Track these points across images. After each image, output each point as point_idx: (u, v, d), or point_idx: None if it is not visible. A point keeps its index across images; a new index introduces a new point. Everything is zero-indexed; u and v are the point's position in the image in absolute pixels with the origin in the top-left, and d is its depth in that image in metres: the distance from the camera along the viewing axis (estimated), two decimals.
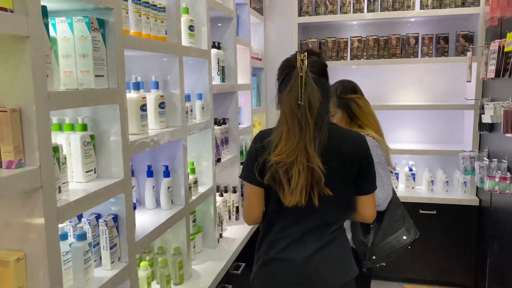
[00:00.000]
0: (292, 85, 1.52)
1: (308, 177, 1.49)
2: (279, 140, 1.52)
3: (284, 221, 1.61)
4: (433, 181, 3.53)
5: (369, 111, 2.17)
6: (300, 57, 1.54)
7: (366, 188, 1.67)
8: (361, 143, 1.62)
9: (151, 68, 1.94)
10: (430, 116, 3.74)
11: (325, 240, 1.60)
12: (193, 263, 2.24)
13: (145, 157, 2.01)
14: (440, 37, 3.42)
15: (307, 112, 1.50)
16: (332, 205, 1.58)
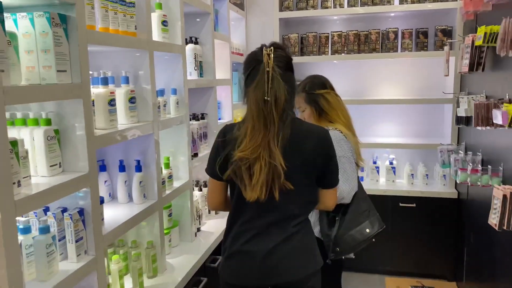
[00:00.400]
0: (258, 80, 1.54)
1: (270, 173, 1.52)
2: (244, 136, 1.54)
3: (248, 214, 1.63)
4: (413, 174, 3.57)
5: (338, 106, 2.18)
6: (267, 52, 1.55)
7: (329, 182, 1.71)
8: (323, 138, 1.64)
9: (123, 63, 1.95)
10: (411, 110, 3.77)
11: (288, 233, 1.62)
12: (169, 256, 2.27)
13: (118, 151, 2.02)
14: (420, 32, 3.45)
15: (273, 108, 1.52)
16: (294, 199, 1.61)
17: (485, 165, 2.55)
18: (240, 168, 1.53)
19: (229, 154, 1.58)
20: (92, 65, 1.96)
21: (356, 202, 2.04)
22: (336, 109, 2.17)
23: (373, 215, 2.05)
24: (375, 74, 3.80)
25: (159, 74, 2.30)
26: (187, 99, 2.36)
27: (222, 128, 1.68)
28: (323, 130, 1.68)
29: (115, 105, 1.75)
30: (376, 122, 3.87)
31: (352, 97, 3.78)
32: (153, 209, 1.99)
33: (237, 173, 1.55)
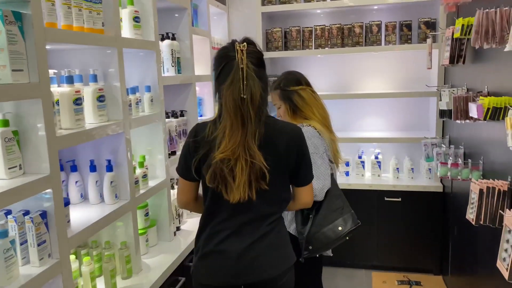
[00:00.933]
0: (233, 77, 1.50)
1: (251, 172, 1.50)
2: (222, 136, 1.50)
3: (222, 214, 1.61)
4: (398, 168, 3.55)
5: (313, 103, 2.16)
6: (240, 48, 1.51)
7: (303, 179, 1.69)
8: (295, 135, 1.62)
9: (91, 61, 1.90)
10: (396, 103, 3.74)
11: (262, 232, 1.61)
12: (146, 256, 2.24)
13: (89, 151, 1.98)
14: (403, 25, 3.42)
15: (249, 106, 1.49)
16: (268, 198, 1.60)
17: (468, 159, 2.53)
18: (222, 170, 1.49)
19: (205, 155, 1.54)
20: (60, 63, 1.93)
21: (329, 199, 2.02)
22: (311, 106, 2.14)
23: (347, 213, 2.03)
24: (359, 68, 3.77)
25: (133, 71, 2.27)
26: (162, 96, 2.32)
27: (193, 127, 1.65)
28: (296, 127, 1.66)
29: (81, 104, 1.71)
30: (361, 117, 3.84)
31: (336, 92, 3.76)
32: (126, 209, 1.95)
33: (218, 174, 1.51)
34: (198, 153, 1.57)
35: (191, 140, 1.60)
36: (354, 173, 3.66)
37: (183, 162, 1.64)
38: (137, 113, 2.13)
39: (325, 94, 3.66)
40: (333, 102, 3.83)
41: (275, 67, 3.90)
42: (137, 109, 2.13)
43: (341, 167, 3.64)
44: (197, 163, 1.58)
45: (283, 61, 3.89)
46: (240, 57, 1.50)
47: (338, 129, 3.90)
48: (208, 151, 1.54)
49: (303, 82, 2.20)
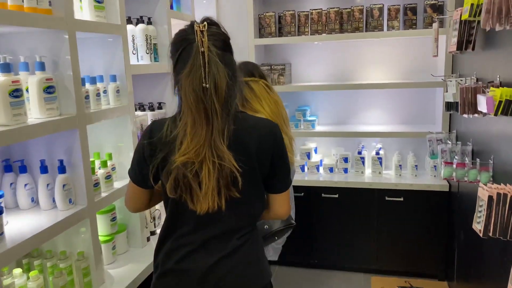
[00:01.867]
0: (192, 63, 1.24)
1: (219, 177, 1.25)
2: (183, 135, 1.25)
3: (184, 227, 1.37)
4: (401, 165, 3.27)
5: (264, 96, 2.01)
6: (199, 28, 1.26)
7: (279, 185, 1.45)
8: (269, 133, 1.37)
9: (40, 47, 1.66)
10: (400, 95, 3.45)
11: (233, 246, 1.37)
12: (113, 266, 2.02)
13: (41, 150, 1.75)
14: (408, 8, 3.11)
15: (213, 97, 1.24)
16: (239, 208, 1.35)
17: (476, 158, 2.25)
18: (185, 176, 1.25)
19: (164, 160, 1.29)
20: (5, 49, 1.69)
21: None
22: (261, 99, 2.00)
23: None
24: (359, 56, 3.48)
25: (97, 58, 2.03)
26: (130, 87, 2.07)
27: (148, 126, 1.39)
28: (271, 124, 1.41)
29: (20, 97, 1.47)
30: (361, 109, 3.56)
31: (334, 82, 3.48)
32: (82, 216, 1.72)
33: (182, 182, 1.26)
34: (155, 158, 1.31)
35: (145, 142, 1.35)
36: (353, 170, 3.39)
37: (136, 168, 1.40)
38: (98, 106, 1.88)
39: (322, 84, 3.39)
40: (331, 93, 3.58)
41: (269, 55, 3.63)
42: (98, 102, 1.88)
43: (340, 163, 3.38)
44: (155, 170, 1.33)
45: (277, 48, 3.62)
46: (200, 39, 1.25)
47: (337, 122, 3.66)
48: (167, 154, 1.29)
49: (256, 74, 2.06)
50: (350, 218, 3.27)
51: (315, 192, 3.30)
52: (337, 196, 3.27)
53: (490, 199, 1.60)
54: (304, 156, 3.46)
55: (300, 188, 3.32)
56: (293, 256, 3.44)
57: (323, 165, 3.45)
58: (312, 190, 3.31)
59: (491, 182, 2.00)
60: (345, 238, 3.31)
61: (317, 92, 3.61)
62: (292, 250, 3.42)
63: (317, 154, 3.62)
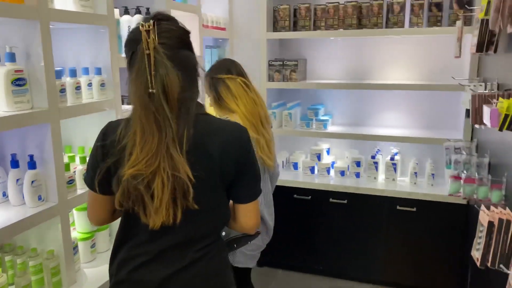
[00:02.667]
0: (138, 67, 1.14)
1: (175, 189, 1.15)
2: (133, 144, 1.15)
3: (140, 236, 1.27)
4: (417, 173, 3.05)
5: (240, 94, 1.92)
6: (145, 27, 1.13)
7: (244, 195, 1.32)
8: (234, 137, 1.25)
9: (13, 37, 1.59)
10: (421, 97, 3.21)
11: (189, 259, 1.26)
12: (91, 264, 1.98)
13: (14, 144, 1.70)
14: (432, 3, 2.87)
15: (162, 103, 1.13)
16: (197, 219, 1.24)
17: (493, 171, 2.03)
18: (136, 189, 1.15)
19: (112, 167, 1.19)
20: None
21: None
22: (237, 98, 1.92)
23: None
24: (378, 53, 3.25)
25: (83, 50, 1.95)
26: (117, 80, 1.99)
27: (104, 127, 1.28)
28: (237, 127, 1.28)
29: None
30: (379, 110, 3.34)
31: (350, 80, 3.28)
32: (51, 213, 1.66)
33: (133, 194, 1.16)
34: (105, 162, 1.21)
35: (98, 145, 1.24)
36: (365, 175, 3.20)
37: (91, 172, 1.28)
38: (78, 100, 1.81)
39: (337, 82, 3.21)
40: (348, 92, 3.38)
41: (284, 50, 3.46)
42: (78, 95, 1.81)
43: (352, 167, 3.20)
44: (103, 174, 1.22)
45: (292, 43, 3.45)
46: (145, 39, 1.13)
47: (352, 123, 3.46)
48: (117, 162, 1.18)
49: (233, 71, 1.97)
50: (358, 225, 3.09)
51: (323, 196, 3.14)
52: (345, 202, 3.09)
53: (491, 225, 1.41)
54: (314, 157, 3.30)
55: (307, 190, 3.17)
56: (297, 260, 3.31)
57: (335, 168, 3.27)
58: (320, 193, 3.14)
59: (503, 203, 1.79)
60: (353, 246, 3.13)
61: (333, 91, 3.42)
62: (296, 255, 3.29)
63: (329, 156, 3.44)
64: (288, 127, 3.25)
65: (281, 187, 3.22)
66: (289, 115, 3.22)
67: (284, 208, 3.26)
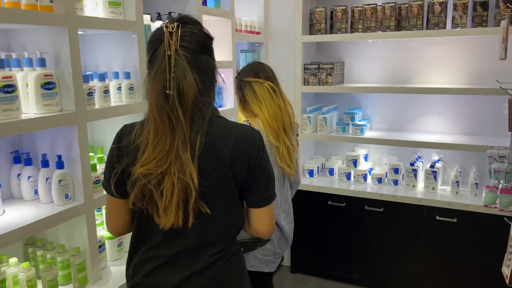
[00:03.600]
0: (158, 67, 1.16)
1: (185, 191, 1.15)
2: (146, 143, 1.16)
3: (152, 239, 1.27)
4: (459, 182, 2.88)
5: (265, 99, 1.91)
6: (168, 29, 1.16)
7: (259, 199, 1.30)
8: (246, 140, 1.23)
9: (45, 43, 1.68)
10: (466, 101, 3.04)
11: (203, 264, 1.26)
12: (117, 262, 2.03)
13: (46, 144, 1.79)
14: (477, 3, 2.71)
15: (176, 105, 1.14)
16: (211, 223, 1.24)
17: None
18: (147, 187, 1.16)
19: (127, 168, 1.21)
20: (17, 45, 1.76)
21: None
22: (261, 101, 1.91)
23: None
24: (419, 56, 3.12)
25: (114, 55, 2.03)
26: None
27: (119, 130, 1.30)
28: (249, 131, 1.27)
29: (12, 92, 1.49)
30: (420, 115, 3.20)
31: (390, 84, 3.16)
32: (78, 211, 1.73)
33: (145, 194, 1.18)
34: (120, 164, 1.23)
35: (114, 147, 1.27)
36: (404, 183, 3.07)
37: (107, 175, 1.30)
38: (106, 103, 1.88)
39: (374, 86, 3.11)
40: (387, 96, 3.28)
41: (321, 53, 3.41)
42: (106, 98, 1.87)
43: (390, 174, 3.08)
44: (119, 176, 1.23)
45: (330, 46, 3.39)
46: (167, 41, 1.15)
47: (391, 128, 3.33)
48: (131, 162, 1.20)
49: (261, 75, 1.96)
50: (395, 235, 2.97)
51: (358, 203, 3.05)
52: (381, 210, 2.98)
53: None
54: (351, 163, 3.21)
55: (342, 197, 3.09)
56: (331, 268, 3.24)
57: (372, 175, 3.17)
58: (355, 201, 3.06)
59: None
60: (389, 256, 3.02)
61: (371, 95, 3.32)
62: (329, 262, 3.22)
63: (367, 162, 3.34)
64: (323, 132, 3.19)
65: (315, 193, 3.17)
66: (324, 120, 3.16)
67: (318, 214, 3.21)
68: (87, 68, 2.09)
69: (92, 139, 2.14)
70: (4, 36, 1.77)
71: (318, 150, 3.53)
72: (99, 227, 1.96)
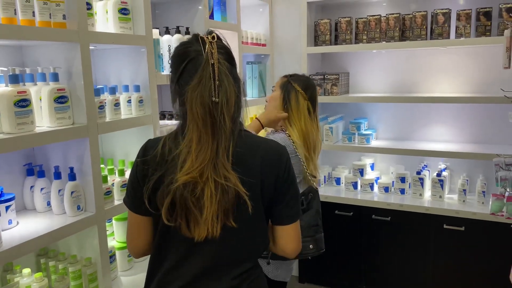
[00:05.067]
0: (201, 76, 1.15)
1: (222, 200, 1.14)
2: (187, 152, 1.15)
3: (174, 257, 1.24)
4: (465, 190, 2.89)
5: (304, 114, 1.96)
6: (209, 39, 1.18)
7: (286, 215, 1.28)
8: (275, 155, 1.24)
9: (57, 58, 1.73)
10: (472, 109, 3.05)
11: (228, 285, 1.23)
12: (127, 273, 2.06)
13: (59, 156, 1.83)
14: (481, 13, 2.74)
15: (224, 112, 1.15)
16: (236, 240, 1.22)
17: None
18: (184, 198, 1.14)
19: (159, 181, 1.19)
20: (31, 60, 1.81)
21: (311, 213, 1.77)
22: (300, 114, 1.94)
23: (320, 233, 1.78)
24: (423, 65, 3.15)
25: (124, 68, 2.08)
26: (155, 97, 2.09)
27: (144, 144, 1.29)
28: (277, 146, 1.27)
29: (26, 107, 1.53)
30: (426, 124, 3.22)
31: (395, 94, 3.19)
32: (89, 222, 1.76)
33: (180, 205, 1.16)
34: (150, 178, 1.21)
35: (139, 160, 1.25)
36: (411, 192, 3.08)
37: (131, 190, 1.27)
38: (117, 116, 1.92)
39: (378, 96, 3.14)
40: (392, 106, 3.30)
41: (326, 64, 3.45)
42: (116, 111, 1.92)
43: (396, 183, 3.10)
44: (150, 191, 1.20)
45: (335, 56, 3.43)
46: (210, 50, 1.16)
47: (398, 137, 3.35)
48: (163, 174, 1.18)
49: (307, 93, 1.99)
50: (402, 244, 2.98)
51: (365, 212, 3.06)
52: (389, 219, 2.99)
53: None
54: (357, 172, 3.23)
55: (349, 207, 3.11)
56: (339, 278, 3.23)
57: (378, 184, 3.18)
58: (362, 210, 3.07)
59: None
60: (397, 265, 3.01)
61: (376, 104, 3.34)
62: (337, 272, 3.22)
63: (373, 171, 3.36)
64: (329, 141, 3.22)
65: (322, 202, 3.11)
66: (330, 129, 3.19)
67: (326, 223, 3.20)
68: (98, 81, 2.14)
69: (102, 150, 2.18)
70: (18, 52, 1.82)
71: (325, 160, 3.55)
72: (109, 237, 1.99)
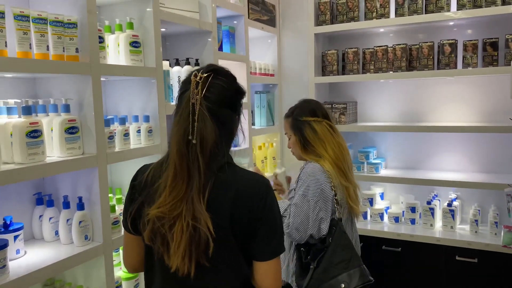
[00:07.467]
0: (181, 114, 1.19)
1: (192, 239, 1.14)
2: (164, 186, 1.18)
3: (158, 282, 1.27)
4: (477, 220, 2.84)
5: (327, 138, 1.88)
6: (196, 78, 1.19)
7: (261, 251, 1.23)
8: (248, 191, 1.20)
9: (70, 90, 1.78)
10: (483, 138, 3.03)
11: None
12: None
13: (68, 186, 1.85)
14: (487, 43, 2.77)
15: (198, 153, 1.16)
16: (212, 278, 1.21)
17: None
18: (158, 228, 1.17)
19: (141, 207, 1.22)
20: (43, 91, 1.85)
21: (332, 249, 1.70)
22: (324, 141, 1.87)
23: (354, 267, 1.69)
24: (432, 95, 3.15)
25: (135, 99, 2.12)
26: (164, 126, 2.12)
27: (139, 168, 1.34)
28: (256, 179, 1.24)
29: (38, 137, 1.56)
30: (436, 153, 3.20)
31: (404, 123, 3.18)
32: (96, 252, 1.76)
33: (158, 235, 1.18)
34: (134, 203, 1.25)
35: (130, 184, 1.31)
36: (421, 222, 3.03)
37: (124, 210, 1.34)
38: (126, 146, 1.94)
39: (390, 125, 3.13)
40: (401, 135, 3.29)
41: (334, 93, 3.48)
42: (126, 141, 1.94)
43: (406, 213, 3.06)
44: (134, 214, 1.25)
45: (342, 86, 3.45)
46: (193, 89, 1.18)
47: (408, 167, 3.33)
48: (144, 201, 1.22)
49: (319, 114, 1.94)
50: (413, 275, 2.91)
51: (375, 243, 3.01)
52: (399, 250, 2.94)
53: None
54: (367, 202, 3.20)
55: (359, 237, 3.04)
56: None
57: (388, 214, 3.15)
58: (372, 240, 3.02)
59: None
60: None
61: (385, 133, 3.34)
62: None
63: (383, 201, 3.32)
64: None
65: None
66: None
67: None
68: (108, 111, 2.18)
69: (111, 179, 2.19)
70: (31, 83, 1.87)
71: None
72: (116, 267, 1.98)
